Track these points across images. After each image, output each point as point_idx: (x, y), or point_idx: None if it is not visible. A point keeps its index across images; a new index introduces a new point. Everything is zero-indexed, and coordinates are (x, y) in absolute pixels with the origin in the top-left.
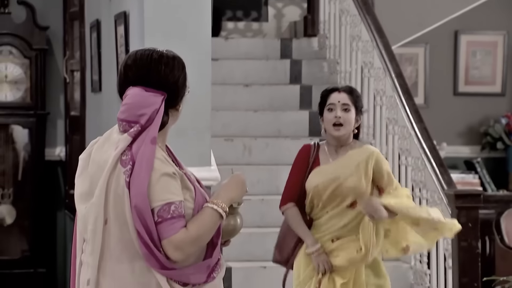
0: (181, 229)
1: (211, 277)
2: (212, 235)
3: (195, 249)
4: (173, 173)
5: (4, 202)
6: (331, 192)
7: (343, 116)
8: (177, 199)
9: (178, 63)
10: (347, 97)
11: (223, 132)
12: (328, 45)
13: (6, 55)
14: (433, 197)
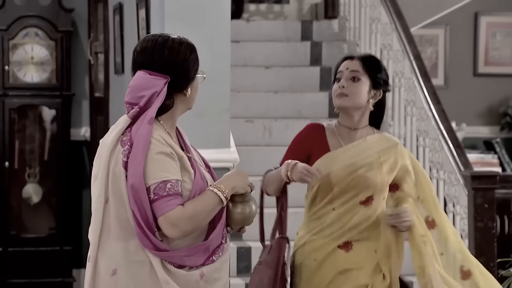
0: (177, 206)
1: (210, 260)
2: (210, 217)
3: (191, 227)
4: (171, 152)
5: (31, 181)
6: (346, 184)
7: (349, 85)
8: (173, 177)
9: (184, 48)
10: (359, 64)
11: (244, 113)
12: (348, 27)
13: (32, 37)
14: (450, 178)
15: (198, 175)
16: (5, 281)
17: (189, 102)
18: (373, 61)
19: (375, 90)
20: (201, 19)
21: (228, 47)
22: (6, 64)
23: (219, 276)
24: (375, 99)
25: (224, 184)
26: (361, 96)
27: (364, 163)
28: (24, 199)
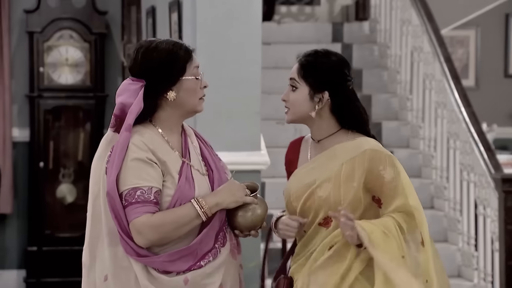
0: (143, 214)
1: (197, 265)
2: (183, 229)
3: (157, 237)
4: (147, 158)
5: (65, 181)
6: (303, 204)
7: (288, 96)
8: (145, 184)
9: (160, 51)
10: (297, 69)
11: (275, 115)
12: (379, 29)
13: (67, 39)
14: (480, 181)
15: (183, 181)
16: (40, 280)
17: (183, 105)
18: (310, 61)
19: (319, 93)
20: (232, 23)
21: (259, 50)
22: (41, 65)
23: (210, 282)
24: (322, 103)
25: (207, 199)
26: (301, 106)
27: (322, 179)
28: (58, 199)
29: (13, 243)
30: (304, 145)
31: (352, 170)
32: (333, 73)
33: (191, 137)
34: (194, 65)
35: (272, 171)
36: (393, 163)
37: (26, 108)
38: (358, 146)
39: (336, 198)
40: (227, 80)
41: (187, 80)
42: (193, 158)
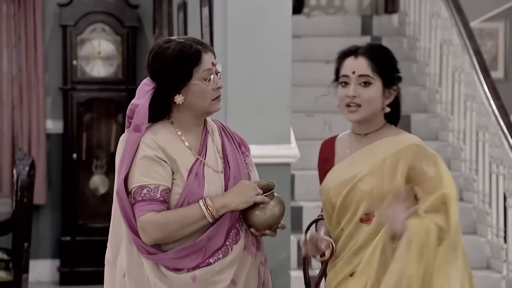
0: (148, 212)
1: (206, 263)
2: (189, 229)
3: (161, 235)
4: (156, 156)
5: (98, 172)
6: (343, 199)
7: (360, 93)
8: (151, 182)
9: (165, 58)
10: (367, 65)
11: (304, 108)
12: (408, 21)
13: (100, 32)
14: (510, 174)
15: (192, 178)
16: (73, 269)
17: (194, 108)
18: (381, 56)
19: (390, 88)
20: (263, 17)
21: (289, 44)
22: (74, 58)
23: (220, 279)
24: (391, 98)
25: (215, 200)
26: (374, 102)
27: (364, 173)
28: (91, 190)
29: (47, 233)
30: (339, 143)
31: (395, 164)
32: (397, 65)
33: (213, 134)
34: (204, 68)
35: (302, 164)
36: (436, 162)
37: (59, 100)
38: (402, 141)
39: (379, 192)
40: (258, 74)
41: (194, 85)
42: (209, 155)
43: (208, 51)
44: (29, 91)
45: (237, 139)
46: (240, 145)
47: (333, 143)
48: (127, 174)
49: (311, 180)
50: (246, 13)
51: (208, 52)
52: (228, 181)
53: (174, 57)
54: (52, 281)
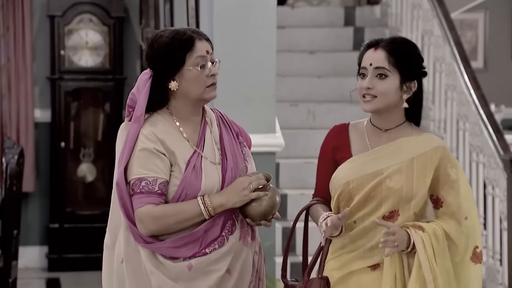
0: (147, 204)
1: (202, 252)
2: (185, 224)
3: (157, 228)
4: (155, 149)
5: (86, 160)
6: (367, 193)
7: (375, 84)
8: (150, 175)
9: (161, 42)
10: (384, 57)
11: (289, 97)
12: (390, 13)
13: (87, 23)
14: (489, 162)
15: (190, 171)
16: (61, 256)
17: (188, 95)
18: (400, 49)
19: (409, 82)
20: (248, 8)
21: (274, 35)
22: (62, 49)
23: (215, 268)
24: (409, 93)
25: (213, 199)
26: (392, 95)
27: (392, 170)
28: (79, 178)
29: (36, 220)
30: (354, 132)
31: (424, 165)
32: (421, 60)
33: (211, 124)
34: (197, 54)
35: (286, 152)
36: (458, 165)
37: (47, 90)
38: (429, 142)
39: (408, 191)
40: (243, 64)
41: (188, 71)
42: (207, 147)
43: (203, 39)
44: (18, 81)
45: (235, 128)
46: (238, 135)
47: (346, 131)
48: (126, 165)
49: (295, 168)
50: (232, 5)
51: (202, 40)
52: (226, 173)
53: (167, 44)
54: (41, 267)
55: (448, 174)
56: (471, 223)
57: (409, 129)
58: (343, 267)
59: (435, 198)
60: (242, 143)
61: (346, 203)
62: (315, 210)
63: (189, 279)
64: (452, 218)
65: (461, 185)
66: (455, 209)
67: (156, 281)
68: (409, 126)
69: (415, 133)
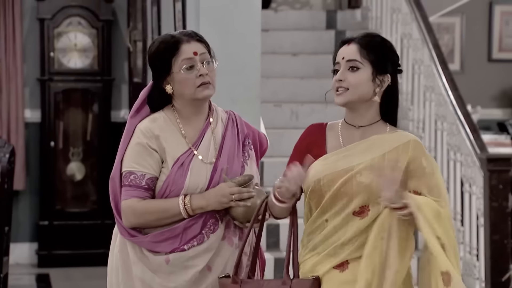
0: (132, 198)
1: (180, 248)
2: (165, 221)
3: (138, 222)
4: (147, 144)
5: (74, 159)
6: (337, 190)
7: (347, 76)
8: (139, 169)
9: (154, 46)
10: (356, 50)
11: (273, 98)
12: (370, 16)
13: (76, 25)
14: (466, 160)
15: (176, 168)
16: (51, 252)
17: (182, 96)
18: (372, 42)
19: (381, 75)
20: (233, 11)
21: (258, 37)
22: (52, 50)
23: (192, 264)
24: (382, 86)
25: (193, 200)
26: (363, 86)
27: (362, 166)
28: (68, 176)
29: (26, 217)
30: (330, 130)
31: (395, 159)
32: (394, 56)
33: (216, 124)
34: (182, 57)
35: (270, 152)
36: (432, 159)
37: (37, 90)
38: (401, 137)
39: (378, 186)
40: (229, 66)
41: (176, 74)
42: (203, 145)
43: (192, 41)
44: (8, 82)
45: (244, 131)
46: (247, 137)
47: (323, 129)
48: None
49: (279, 167)
50: (218, 8)
51: (191, 41)
52: (215, 173)
53: (155, 51)
54: (31, 263)
55: (424, 166)
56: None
57: (383, 127)
58: (314, 270)
59: (412, 192)
60: (248, 145)
61: (317, 200)
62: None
63: (168, 272)
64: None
65: (438, 178)
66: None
67: (137, 271)
68: (383, 124)
69: (388, 131)
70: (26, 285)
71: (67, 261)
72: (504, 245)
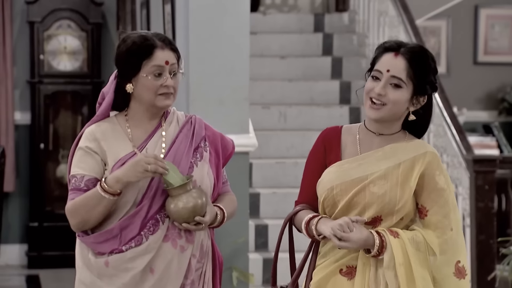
0: (70, 201)
1: (118, 249)
2: (97, 210)
3: (76, 221)
4: (87, 147)
5: (64, 161)
6: (350, 199)
7: (388, 92)
8: (78, 172)
9: (121, 48)
10: (404, 68)
11: (261, 100)
12: (358, 19)
13: (65, 28)
14: (453, 162)
15: (115, 168)
16: (41, 253)
17: (141, 99)
18: (420, 62)
19: (420, 96)
20: (223, 14)
21: (247, 40)
22: (41, 53)
23: (132, 266)
24: (417, 106)
25: (109, 177)
26: (401, 106)
27: (376, 176)
28: (58, 178)
29: (16, 219)
30: (346, 135)
31: (410, 169)
32: (435, 79)
33: (169, 126)
34: (154, 63)
35: (259, 153)
36: (448, 175)
37: (27, 93)
38: (419, 147)
39: (392, 197)
40: (218, 68)
41: (142, 77)
42: (149, 147)
43: (167, 48)
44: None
45: (202, 133)
46: (204, 140)
47: (339, 134)
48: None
49: (267, 168)
50: (207, 11)
51: (166, 49)
52: None
53: (128, 48)
54: (21, 264)
55: (436, 181)
56: (456, 236)
57: (402, 135)
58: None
59: (420, 207)
60: (202, 147)
61: (331, 209)
62: (300, 216)
63: (110, 275)
64: (436, 229)
65: (450, 196)
66: (440, 218)
67: (81, 274)
68: (403, 133)
69: (406, 140)
70: (16, 286)
71: (57, 262)
72: (490, 245)
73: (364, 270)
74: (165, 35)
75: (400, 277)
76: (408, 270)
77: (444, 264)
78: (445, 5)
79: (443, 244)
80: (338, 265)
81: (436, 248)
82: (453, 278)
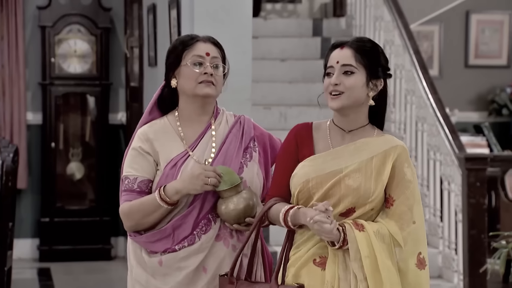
0: (124, 202)
1: (171, 249)
2: (152, 217)
3: (129, 223)
4: (140, 148)
5: (74, 160)
6: (326, 192)
7: (343, 80)
8: (132, 173)
9: (171, 44)
10: (351, 55)
11: (262, 101)
12: (355, 24)
13: (75, 33)
14: (445, 160)
15: (168, 169)
16: (52, 247)
17: (185, 91)
18: (366, 47)
19: (375, 80)
20: (226, 19)
21: (249, 44)
22: (52, 56)
23: (184, 265)
24: (375, 90)
25: (168, 187)
26: (358, 91)
27: (351, 169)
28: (68, 176)
29: (28, 215)
30: (317, 131)
31: (383, 163)
32: (385, 61)
33: (219, 125)
34: (194, 52)
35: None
36: (414, 169)
37: (39, 94)
38: (389, 141)
39: (366, 190)
40: None
41: (183, 67)
42: (201, 146)
43: (209, 42)
44: (11, 86)
45: (252, 133)
46: (253, 140)
47: (310, 130)
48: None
49: None
50: (211, 16)
51: (208, 43)
52: None
53: (173, 44)
54: (33, 258)
55: (404, 172)
56: (418, 229)
57: (371, 130)
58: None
59: (387, 197)
60: (252, 148)
61: (305, 201)
62: (276, 208)
63: (163, 274)
64: (399, 220)
65: (416, 189)
66: (405, 209)
67: (136, 273)
68: (371, 128)
69: (376, 135)
70: (28, 278)
71: (67, 256)
72: (481, 240)
73: (334, 259)
74: (212, 37)
75: (366, 268)
76: (374, 262)
77: (408, 255)
78: (437, 11)
79: (407, 236)
80: (311, 254)
81: (400, 240)
82: (415, 268)
